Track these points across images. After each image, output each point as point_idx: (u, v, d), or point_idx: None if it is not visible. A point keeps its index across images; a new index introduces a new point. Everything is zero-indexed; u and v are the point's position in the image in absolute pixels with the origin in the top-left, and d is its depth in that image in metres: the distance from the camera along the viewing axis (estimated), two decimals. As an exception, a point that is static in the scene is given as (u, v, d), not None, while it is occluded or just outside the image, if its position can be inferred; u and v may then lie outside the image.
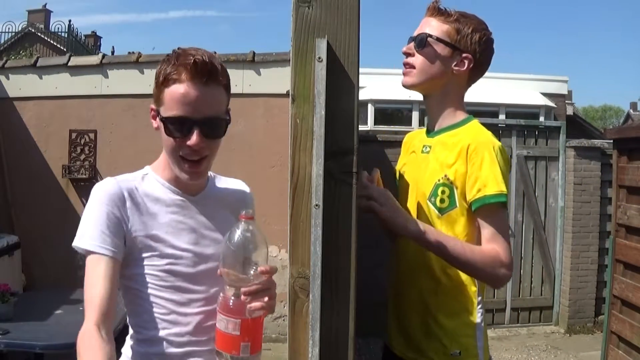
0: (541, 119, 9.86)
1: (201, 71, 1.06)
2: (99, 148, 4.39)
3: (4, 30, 17.45)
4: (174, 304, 1.14)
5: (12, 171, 4.35)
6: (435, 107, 1.46)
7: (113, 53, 13.72)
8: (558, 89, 11.12)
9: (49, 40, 17.43)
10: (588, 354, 4.31)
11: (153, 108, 1.15)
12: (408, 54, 1.43)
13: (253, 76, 4.39)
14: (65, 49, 14.98)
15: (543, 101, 10.50)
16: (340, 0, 0.91)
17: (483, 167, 1.30)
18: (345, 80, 0.91)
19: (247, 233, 1.04)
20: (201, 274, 1.16)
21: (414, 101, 9.80)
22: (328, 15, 0.91)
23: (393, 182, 1.62)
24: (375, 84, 9.77)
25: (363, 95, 9.28)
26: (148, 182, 1.19)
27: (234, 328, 1.03)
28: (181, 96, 1.07)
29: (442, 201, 1.35)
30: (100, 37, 20.37)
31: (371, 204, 1.25)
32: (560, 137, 4.98)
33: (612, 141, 3.66)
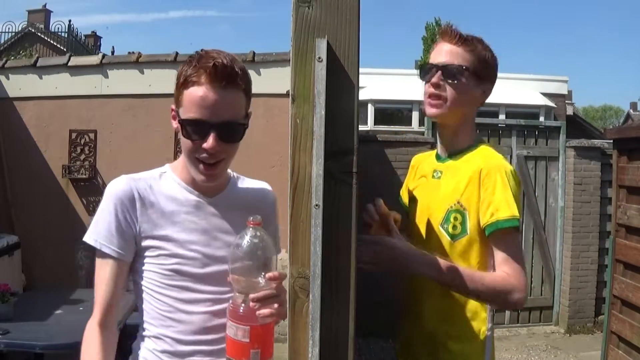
0: (541, 119, 9.87)
1: (220, 75, 1.07)
2: (99, 148, 4.39)
3: (4, 30, 17.47)
4: (180, 303, 1.15)
5: (12, 171, 4.35)
6: (450, 134, 1.44)
7: (113, 53, 13.72)
8: (558, 89, 11.13)
9: (49, 40, 17.43)
10: (588, 354, 4.31)
11: (173, 108, 1.16)
12: (437, 85, 1.37)
13: (253, 76, 4.31)
14: (65, 49, 14.98)
15: (543, 101, 10.51)
16: (340, 0, 0.92)
17: (496, 192, 1.31)
18: (345, 80, 0.91)
19: (255, 239, 1.04)
20: (210, 275, 1.16)
21: (414, 101, 9.81)
22: (328, 15, 0.91)
23: (394, 188, 1.63)
24: (375, 84, 9.78)
25: (363, 95, 9.28)
26: (165, 181, 1.21)
27: (244, 335, 1.03)
28: (200, 99, 1.07)
29: (455, 228, 1.35)
30: (100, 37, 20.39)
31: (370, 268, 1.24)
32: (560, 137, 4.98)
33: (612, 141, 3.66)
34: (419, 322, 1.42)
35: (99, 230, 1.14)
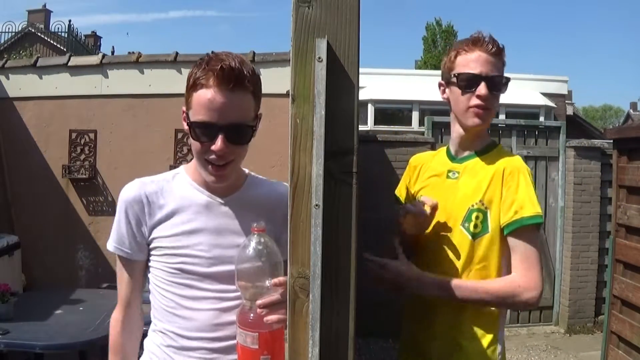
0: (541, 119, 9.87)
1: (227, 77, 1.08)
2: (99, 148, 4.39)
3: (4, 30, 17.48)
4: (184, 300, 1.18)
5: (12, 171, 4.35)
6: (472, 137, 1.46)
7: (113, 53, 13.72)
8: (558, 89, 11.13)
9: (49, 40, 17.45)
10: (588, 354, 4.31)
11: (184, 110, 1.18)
12: (486, 97, 1.38)
13: (253, 76, 4.39)
14: (65, 49, 14.99)
15: (543, 101, 10.51)
16: (340, 0, 0.91)
17: (519, 191, 1.36)
18: (345, 80, 0.91)
19: (259, 246, 1.04)
20: (215, 274, 1.18)
21: (414, 101, 9.82)
22: (328, 15, 0.91)
23: (394, 185, 1.63)
24: (375, 84, 9.78)
25: (363, 95, 9.28)
26: (177, 182, 1.24)
27: (252, 342, 1.03)
28: (207, 102, 1.09)
29: (476, 226, 1.38)
30: (100, 37, 20.40)
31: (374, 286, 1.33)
32: (560, 137, 4.98)
33: (612, 141, 3.66)
34: (432, 324, 1.42)
35: (114, 235, 1.24)
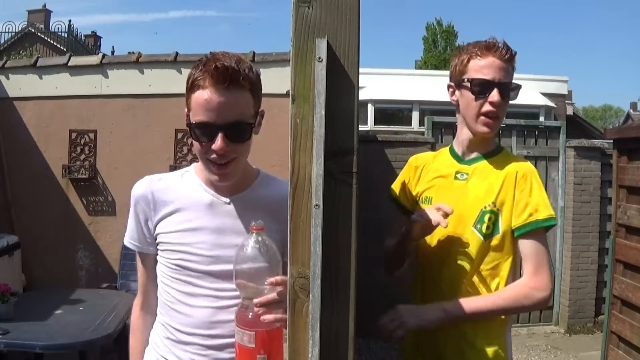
0: (541, 119, 9.86)
1: (222, 76, 1.09)
2: (99, 148, 4.39)
3: (4, 30, 17.48)
4: (183, 295, 1.20)
5: (12, 171, 4.34)
6: (480, 141, 1.47)
7: (113, 53, 13.72)
8: (558, 89, 11.12)
9: (49, 40, 17.45)
10: (588, 354, 4.31)
11: (186, 112, 1.19)
12: (498, 104, 1.38)
13: (253, 76, 4.39)
14: (65, 49, 14.98)
15: (543, 101, 10.50)
16: (340, 0, 0.91)
17: (533, 194, 1.38)
18: (345, 80, 0.91)
19: (257, 245, 1.04)
20: (214, 273, 1.19)
21: (414, 101, 9.81)
22: (328, 15, 0.91)
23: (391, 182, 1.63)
24: (375, 84, 9.77)
25: (363, 95, 9.28)
26: (185, 180, 1.28)
27: (250, 340, 1.03)
28: (205, 102, 1.11)
29: (488, 228, 1.39)
30: (100, 37, 20.39)
31: (400, 334, 1.33)
32: (560, 137, 4.98)
33: (612, 141, 3.66)
34: (439, 328, 1.42)
35: (128, 229, 1.29)
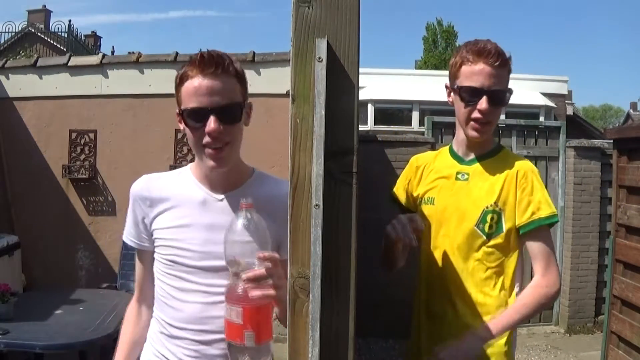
0: (541, 119, 9.86)
1: (209, 62, 1.14)
2: (99, 148, 4.39)
3: (4, 30, 17.47)
4: (175, 291, 1.23)
5: (12, 171, 4.35)
6: (479, 143, 1.48)
7: (113, 53, 13.72)
8: (558, 89, 11.12)
9: (49, 40, 17.44)
10: (588, 354, 4.31)
11: (177, 112, 1.21)
12: (487, 112, 1.39)
13: (253, 76, 4.39)
14: (65, 49, 14.98)
15: (543, 101, 10.50)
16: (340, 0, 0.91)
17: (534, 192, 1.41)
18: (345, 80, 0.91)
19: (246, 221, 1.06)
20: (205, 269, 1.21)
21: (414, 101, 9.81)
22: (328, 15, 0.91)
23: (392, 184, 1.63)
24: (375, 84, 9.77)
25: (363, 95, 9.28)
26: (181, 178, 1.30)
27: (237, 316, 1.04)
28: (194, 89, 1.15)
29: (491, 227, 1.42)
30: (100, 37, 20.39)
31: None
32: (560, 137, 4.98)
33: (612, 141, 3.66)
34: (451, 320, 1.45)
35: (126, 226, 1.32)
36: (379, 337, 4.37)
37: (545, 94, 10.64)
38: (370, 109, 9.97)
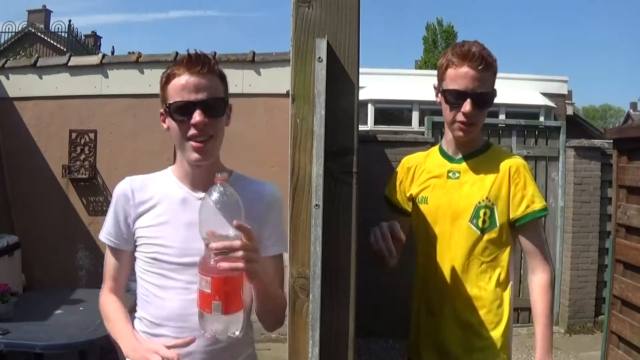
0: (541, 119, 9.85)
1: (195, 61, 1.20)
2: (99, 148, 4.39)
3: (4, 30, 17.46)
4: (156, 288, 1.26)
5: (12, 171, 4.34)
6: (467, 142, 1.51)
7: (113, 53, 13.72)
8: (558, 89, 11.11)
9: (49, 40, 17.42)
10: (588, 354, 4.31)
11: (162, 112, 1.26)
12: (470, 114, 1.42)
13: (253, 76, 4.39)
14: (65, 49, 14.97)
15: (543, 101, 10.49)
16: (340, 0, 0.91)
17: (527, 187, 1.47)
18: (345, 80, 0.91)
19: (218, 194, 1.07)
20: (186, 266, 1.23)
21: (414, 101, 9.81)
22: (328, 15, 0.91)
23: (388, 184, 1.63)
24: (375, 84, 9.77)
25: (363, 95, 9.28)
26: (162, 178, 1.34)
27: (206, 286, 1.06)
28: (181, 86, 1.20)
29: (484, 222, 1.46)
30: (100, 37, 20.38)
31: None
32: (560, 137, 4.97)
33: (612, 141, 3.66)
34: (450, 316, 1.48)
35: (105, 226, 1.33)
36: (379, 337, 4.37)
37: (545, 94, 10.64)
38: (370, 109, 9.97)
